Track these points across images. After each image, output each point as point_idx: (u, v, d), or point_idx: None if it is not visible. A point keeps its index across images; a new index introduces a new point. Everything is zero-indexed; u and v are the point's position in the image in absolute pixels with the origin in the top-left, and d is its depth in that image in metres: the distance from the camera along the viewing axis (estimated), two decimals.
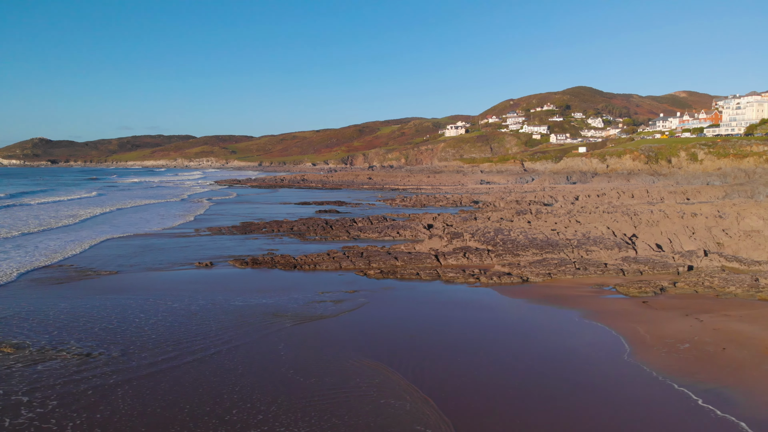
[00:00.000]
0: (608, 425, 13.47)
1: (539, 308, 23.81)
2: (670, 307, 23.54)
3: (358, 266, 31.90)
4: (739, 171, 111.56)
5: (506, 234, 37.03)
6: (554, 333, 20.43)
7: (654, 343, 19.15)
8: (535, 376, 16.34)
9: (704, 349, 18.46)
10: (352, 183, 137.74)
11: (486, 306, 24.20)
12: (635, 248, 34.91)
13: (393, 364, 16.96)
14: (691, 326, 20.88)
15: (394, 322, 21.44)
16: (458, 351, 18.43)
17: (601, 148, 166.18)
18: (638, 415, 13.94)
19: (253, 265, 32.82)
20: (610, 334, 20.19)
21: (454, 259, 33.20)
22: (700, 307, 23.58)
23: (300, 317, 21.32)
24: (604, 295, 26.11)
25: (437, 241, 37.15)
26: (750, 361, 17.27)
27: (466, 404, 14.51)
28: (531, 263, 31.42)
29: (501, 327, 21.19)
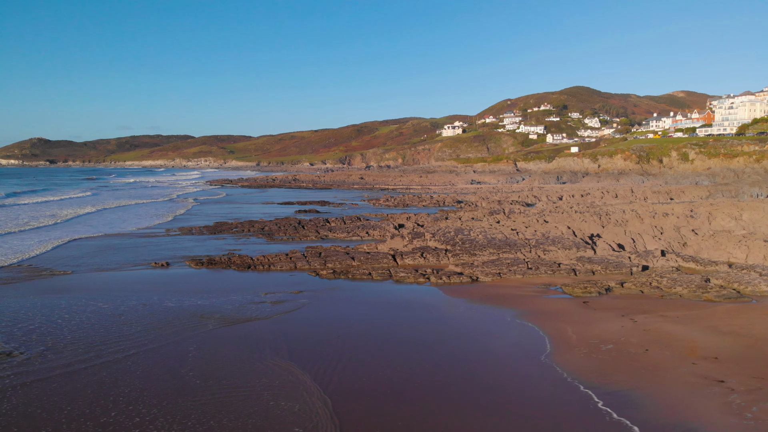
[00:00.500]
0: (502, 425, 13.35)
1: (477, 308, 23.71)
2: (609, 308, 23.42)
3: (313, 266, 31.81)
4: (728, 171, 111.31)
5: (466, 234, 36.91)
6: (481, 333, 20.32)
7: (578, 343, 19.03)
8: (444, 377, 16.23)
9: (626, 350, 18.33)
10: (344, 183, 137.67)
11: (425, 306, 24.10)
12: (594, 248, 34.77)
13: (306, 366, 16.86)
14: (623, 327, 20.76)
15: (326, 323, 21.35)
16: (379, 351, 18.33)
17: (593, 148, 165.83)
18: (535, 416, 13.83)
19: (209, 265, 32.74)
20: (537, 334, 20.07)
21: (411, 259, 33.09)
22: (639, 307, 23.45)
23: (228, 319, 21.22)
24: (548, 294, 26.00)
25: (399, 241, 37.04)
26: (669, 363, 17.13)
27: (364, 405, 14.41)
28: (484, 263, 31.31)
29: (431, 327, 21.07)
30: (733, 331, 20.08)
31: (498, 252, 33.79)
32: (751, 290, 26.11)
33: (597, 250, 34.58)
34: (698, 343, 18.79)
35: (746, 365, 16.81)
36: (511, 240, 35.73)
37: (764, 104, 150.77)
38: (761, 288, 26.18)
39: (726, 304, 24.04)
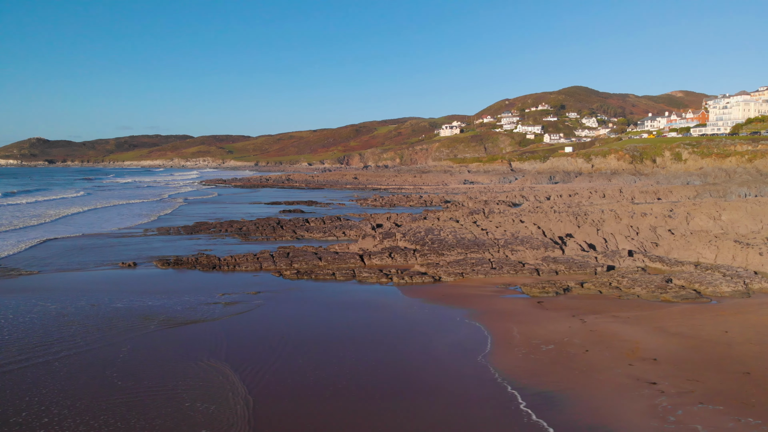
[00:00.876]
0: (420, 425, 13.23)
1: (430, 308, 23.59)
2: (562, 308, 23.30)
3: (279, 267, 31.70)
4: (720, 171, 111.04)
5: (436, 234, 36.79)
6: (427, 333, 20.21)
7: (520, 343, 18.91)
8: (377, 377, 16.14)
9: (566, 350, 18.21)
10: (337, 183, 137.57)
11: (380, 306, 23.98)
12: (563, 248, 34.63)
13: (240, 367, 16.77)
14: (570, 327, 20.64)
15: (274, 325, 21.24)
16: (319, 352, 18.23)
17: (587, 148, 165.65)
18: (455, 415, 13.71)
19: (175, 265, 32.64)
20: (482, 334, 19.96)
21: (378, 260, 32.98)
22: (593, 308, 23.33)
23: (173, 321, 21.13)
24: (505, 294, 25.88)
25: (369, 241, 36.93)
26: (605, 364, 17.01)
27: (288, 405, 14.32)
28: (449, 263, 31.19)
29: (378, 328, 20.97)
30: (680, 332, 19.95)
31: (466, 252, 33.66)
32: (712, 291, 25.97)
33: (566, 250, 34.44)
34: (641, 344, 18.67)
35: (684, 367, 16.68)
36: (480, 240, 35.61)
37: (759, 104, 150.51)
38: (722, 289, 26.04)
39: (682, 305, 23.91)
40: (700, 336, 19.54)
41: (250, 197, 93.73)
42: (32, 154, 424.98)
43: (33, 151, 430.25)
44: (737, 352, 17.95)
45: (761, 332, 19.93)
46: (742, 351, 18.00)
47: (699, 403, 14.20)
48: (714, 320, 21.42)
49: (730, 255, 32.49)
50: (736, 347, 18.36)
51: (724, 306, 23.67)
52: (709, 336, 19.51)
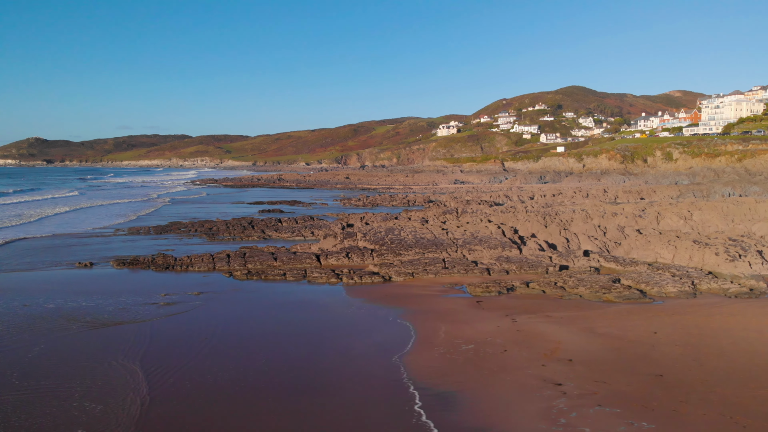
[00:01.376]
0: (308, 426, 13.11)
1: (368, 308, 23.47)
2: (499, 308, 23.16)
3: (232, 267, 31.58)
4: (709, 170, 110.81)
5: (396, 234, 36.65)
6: (353, 333, 20.09)
7: (442, 343, 18.78)
8: (286, 377, 16.03)
9: (485, 350, 18.08)
10: (328, 183, 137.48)
11: (319, 306, 23.85)
12: (521, 248, 34.49)
13: (152, 367, 16.67)
14: (499, 327, 20.51)
15: (203, 326, 21.11)
16: (236, 353, 18.12)
17: (579, 148, 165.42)
18: (346, 415, 13.58)
19: (131, 265, 32.53)
20: (408, 333, 19.83)
21: (335, 260, 32.85)
22: (530, 307, 23.19)
23: (99, 322, 21.02)
24: (449, 294, 25.75)
25: (330, 241, 36.81)
26: (518, 365, 16.87)
27: (186, 405, 14.23)
28: (402, 263, 31.08)
29: (307, 328, 20.84)
30: (608, 333, 19.81)
31: (424, 252, 33.53)
32: (657, 291, 25.83)
33: (524, 250, 34.29)
34: (563, 345, 18.53)
35: (597, 368, 16.54)
36: (439, 240, 35.47)
37: (751, 104, 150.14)
38: (667, 289, 25.89)
39: (622, 305, 23.76)
40: (627, 337, 19.39)
41: (236, 197, 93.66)
42: (31, 154, 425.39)
43: (31, 151, 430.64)
44: (658, 353, 17.80)
45: (691, 333, 19.78)
46: (664, 352, 17.85)
47: (597, 406, 14.06)
48: (648, 321, 21.27)
49: (687, 255, 32.33)
50: (660, 348, 18.22)
51: (664, 306, 23.52)
52: (636, 337, 19.36)
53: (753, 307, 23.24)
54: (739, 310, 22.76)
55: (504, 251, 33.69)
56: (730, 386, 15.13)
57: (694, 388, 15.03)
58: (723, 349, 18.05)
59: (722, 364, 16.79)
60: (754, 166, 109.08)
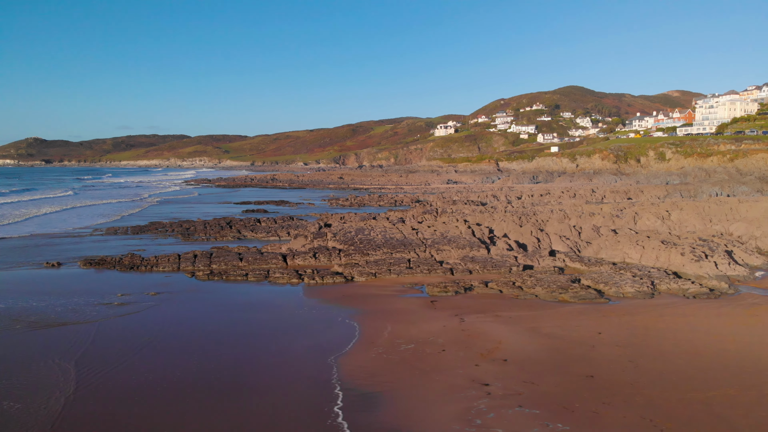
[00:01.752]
0: (236, 423, 13.03)
1: (321, 308, 23.38)
2: (451, 307, 23.07)
3: (197, 267, 31.49)
4: (701, 170, 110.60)
5: (366, 234, 36.55)
6: (299, 333, 20.00)
7: (383, 343, 18.69)
8: (222, 375, 15.97)
9: (423, 350, 18.00)
10: (321, 182, 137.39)
11: (272, 307, 23.77)
12: (489, 248, 34.38)
13: (87, 368, 16.64)
14: (445, 326, 20.42)
15: (150, 326, 21.03)
16: (179, 352, 18.09)
17: (573, 148, 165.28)
18: (268, 415, 13.50)
19: (97, 265, 32.46)
20: (352, 334, 19.75)
21: (301, 260, 32.76)
22: (482, 307, 23.09)
23: (44, 322, 20.95)
24: (406, 294, 25.66)
25: (300, 241, 36.72)
26: (452, 365, 16.78)
27: (106, 406, 14.16)
28: (368, 263, 30.99)
29: (256, 327, 20.79)
30: (552, 333, 19.72)
31: (392, 251, 33.43)
32: (615, 291, 25.72)
33: (492, 250, 34.18)
34: (503, 345, 18.43)
35: (530, 369, 16.45)
36: (408, 240, 35.38)
37: (745, 103, 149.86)
38: (625, 289, 25.78)
39: (576, 305, 23.66)
40: (570, 337, 19.30)
41: (226, 197, 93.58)
42: (29, 154, 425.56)
43: (30, 151, 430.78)
44: (597, 354, 17.71)
45: (636, 334, 19.68)
46: (603, 353, 17.76)
47: (518, 406, 13.98)
48: (596, 321, 21.18)
49: (654, 255, 32.22)
50: (599, 349, 18.12)
51: (618, 307, 23.42)
52: (579, 337, 19.27)
53: (707, 307, 23.14)
54: (692, 310, 22.66)
55: (472, 251, 33.59)
56: (660, 388, 15.03)
57: (622, 389, 14.94)
58: (664, 351, 17.95)
59: (658, 365, 16.69)
60: (745, 166, 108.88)
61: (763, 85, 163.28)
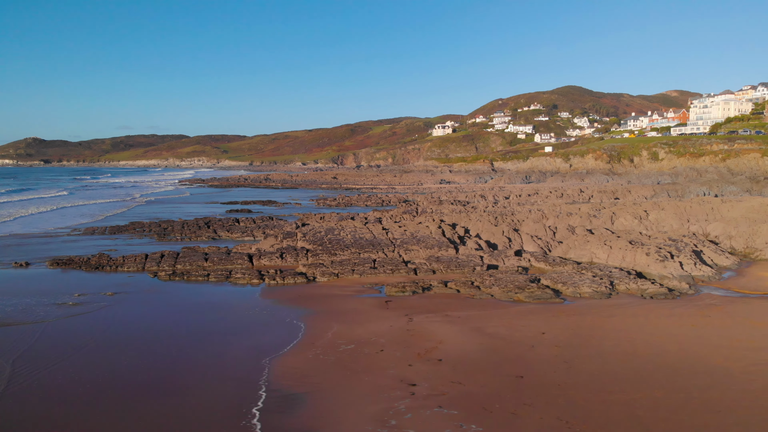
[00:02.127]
0: (157, 423, 12.97)
1: (274, 309, 23.32)
2: (405, 307, 23.00)
3: (162, 267, 31.40)
4: (692, 170, 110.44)
5: (336, 234, 36.48)
6: (242, 333, 19.94)
7: (325, 344, 18.62)
8: (152, 376, 15.93)
9: (362, 350, 17.93)
10: (314, 182, 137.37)
11: (225, 307, 23.68)
12: (458, 247, 34.30)
13: (19, 367, 16.64)
14: (391, 327, 20.35)
15: (97, 327, 20.95)
16: (116, 353, 18.04)
17: (566, 148, 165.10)
18: (185, 416, 13.43)
19: (65, 265, 32.42)
20: (296, 335, 19.69)
21: (267, 260, 32.70)
22: (434, 307, 23.02)
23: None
24: (365, 294, 25.60)
25: (270, 241, 36.67)
26: (386, 365, 16.71)
27: (22, 404, 14.10)
28: (332, 263, 30.92)
29: (202, 328, 20.75)
30: (495, 333, 19.64)
31: (360, 251, 33.36)
32: (572, 291, 25.63)
33: (461, 249, 34.10)
34: (443, 344, 18.36)
35: (463, 369, 16.37)
36: (378, 240, 35.31)
37: (739, 103, 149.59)
38: (582, 289, 25.68)
39: (530, 305, 23.58)
40: (513, 337, 19.22)
41: (215, 197, 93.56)
42: (28, 154, 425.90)
43: (29, 151, 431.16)
44: (534, 354, 17.63)
45: (580, 335, 19.59)
46: (540, 353, 17.68)
47: (438, 407, 13.90)
48: (544, 321, 21.09)
49: (621, 255, 32.12)
50: (539, 349, 18.05)
51: (571, 307, 23.34)
52: (522, 337, 19.18)
53: (661, 308, 23.05)
54: (645, 311, 22.57)
55: (440, 251, 33.51)
56: (587, 389, 14.95)
57: (548, 390, 14.86)
58: (603, 351, 17.87)
59: (592, 366, 16.61)
60: (737, 165, 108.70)
61: (758, 84, 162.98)
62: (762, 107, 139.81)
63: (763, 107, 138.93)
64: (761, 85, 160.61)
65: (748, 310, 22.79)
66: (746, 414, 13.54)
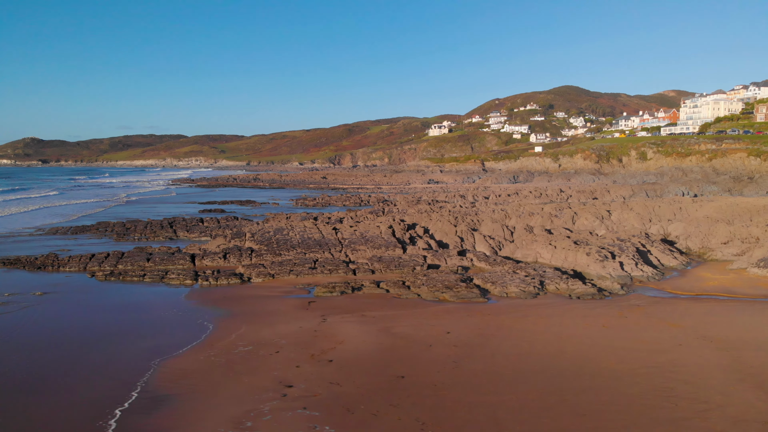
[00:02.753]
0: (21, 421, 12.95)
1: (191, 310, 23.24)
2: (325, 308, 22.93)
3: (103, 267, 31.35)
4: (678, 170, 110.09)
5: (284, 234, 36.40)
6: (146, 335, 19.87)
7: (224, 345, 18.56)
8: (32, 376, 15.83)
9: (258, 352, 17.86)
10: (301, 182, 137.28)
11: (144, 308, 23.62)
12: (405, 247, 34.22)
13: None
14: (301, 328, 20.27)
15: (6, 327, 20.90)
16: (8, 354, 17.94)
17: (557, 148, 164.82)
18: (54, 415, 13.37)
19: (11, 265, 32.33)
20: (198, 336, 19.61)
21: (210, 260, 32.64)
22: (354, 307, 22.96)
23: None
24: (292, 294, 25.55)
25: (219, 241, 36.65)
26: (272, 366, 16.64)
27: None
28: (273, 263, 30.84)
29: (104, 329, 20.64)
30: (401, 333, 19.56)
31: (306, 252, 33.29)
32: (500, 291, 25.53)
33: (408, 249, 34.01)
34: (342, 345, 18.29)
35: (348, 370, 16.29)
36: (326, 240, 35.23)
37: (729, 103, 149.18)
38: (510, 289, 25.57)
39: (452, 304, 23.50)
40: (416, 336, 19.13)
41: (197, 197, 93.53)
42: (26, 154, 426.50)
43: (27, 151, 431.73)
44: (429, 354, 17.55)
45: (483, 334, 19.49)
46: (435, 353, 17.60)
47: (303, 408, 13.83)
48: (456, 321, 21.01)
49: (564, 255, 32.02)
50: (436, 349, 17.96)
51: (492, 306, 23.25)
52: (425, 337, 19.10)
53: (581, 308, 22.96)
54: (563, 311, 22.48)
55: (387, 251, 33.43)
56: (460, 390, 14.86)
57: (421, 390, 14.77)
58: (498, 351, 17.77)
59: (480, 366, 16.52)
60: (722, 165, 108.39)
61: (750, 84, 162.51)
62: (752, 107, 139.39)
63: (753, 107, 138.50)
64: (753, 84, 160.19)
65: (669, 311, 22.67)
66: (612, 417, 13.43)
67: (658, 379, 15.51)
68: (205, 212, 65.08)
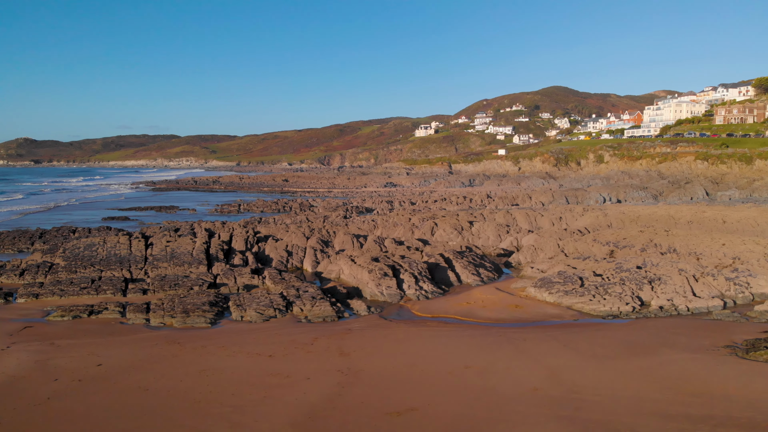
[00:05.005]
0: None
1: None
2: (31, 335, 22.52)
3: None
4: (624, 174, 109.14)
5: (94, 250, 35.81)
6: None
7: None
8: None
9: None
10: (256, 185, 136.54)
11: None
12: (213, 264, 33.79)
13: None
14: None
15: None
16: None
17: (518, 151, 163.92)
18: None
19: None
20: None
21: (5, 277, 32.30)
22: (62, 334, 22.51)
23: None
24: (24, 318, 25.15)
25: (37, 255, 36.31)
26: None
27: None
28: (60, 281, 30.45)
29: None
30: (58, 364, 19.12)
31: (104, 269, 32.97)
32: (237, 314, 25.06)
33: (215, 267, 33.59)
34: None
35: None
36: (133, 256, 34.84)
37: (691, 105, 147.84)
38: (248, 313, 25.11)
39: (166, 330, 23.03)
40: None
41: (134, 202, 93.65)
42: (19, 154, 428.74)
43: (20, 151, 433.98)
44: None
45: (137, 366, 19.03)
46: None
47: None
48: (114, 351, 20.56)
49: (357, 272, 31.48)
50: None
51: (185, 334, 22.79)
52: (76, 369, 18.66)
53: (266, 334, 22.51)
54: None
55: (190, 268, 33.01)
56: None
57: None
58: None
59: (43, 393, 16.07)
60: (668, 169, 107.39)
61: (718, 86, 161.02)
62: (712, 110, 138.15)
63: (713, 110, 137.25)
64: (721, 86, 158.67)
65: (373, 336, 22.12)
66: None
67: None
68: (108, 219, 64.88)
